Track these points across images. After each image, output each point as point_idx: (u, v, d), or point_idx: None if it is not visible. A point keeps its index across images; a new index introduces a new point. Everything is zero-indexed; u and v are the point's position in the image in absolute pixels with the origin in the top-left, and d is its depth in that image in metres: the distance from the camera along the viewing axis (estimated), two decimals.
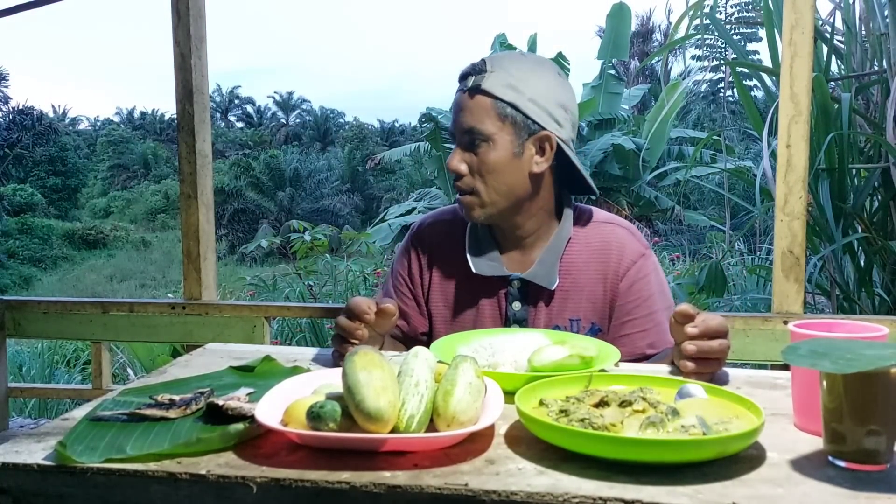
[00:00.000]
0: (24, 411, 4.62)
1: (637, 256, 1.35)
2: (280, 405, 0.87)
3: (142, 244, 25.84)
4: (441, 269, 1.43)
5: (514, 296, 1.36)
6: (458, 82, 1.33)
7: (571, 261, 1.36)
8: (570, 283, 1.35)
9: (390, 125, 44.09)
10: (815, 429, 0.82)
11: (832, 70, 3.17)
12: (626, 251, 1.35)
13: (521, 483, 0.72)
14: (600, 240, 1.37)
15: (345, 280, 5.89)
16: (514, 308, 1.36)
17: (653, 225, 11.89)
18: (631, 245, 1.36)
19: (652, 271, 1.37)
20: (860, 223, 2.94)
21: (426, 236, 1.46)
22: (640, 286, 1.34)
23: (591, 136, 11.42)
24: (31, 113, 29.70)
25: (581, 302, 1.35)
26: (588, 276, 1.35)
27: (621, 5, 10.87)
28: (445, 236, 1.43)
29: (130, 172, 35.92)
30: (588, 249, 1.36)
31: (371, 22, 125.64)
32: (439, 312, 1.43)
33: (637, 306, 1.34)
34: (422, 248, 1.46)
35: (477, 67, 1.30)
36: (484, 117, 1.29)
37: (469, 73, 1.31)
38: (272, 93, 55.52)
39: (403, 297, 1.46)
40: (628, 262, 1.34)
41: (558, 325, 1.35)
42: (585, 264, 1.35)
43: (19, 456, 0.81)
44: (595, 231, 1.38)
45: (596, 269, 1.35)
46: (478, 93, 1.29)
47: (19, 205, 26.38)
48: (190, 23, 2.40)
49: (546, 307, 1.35)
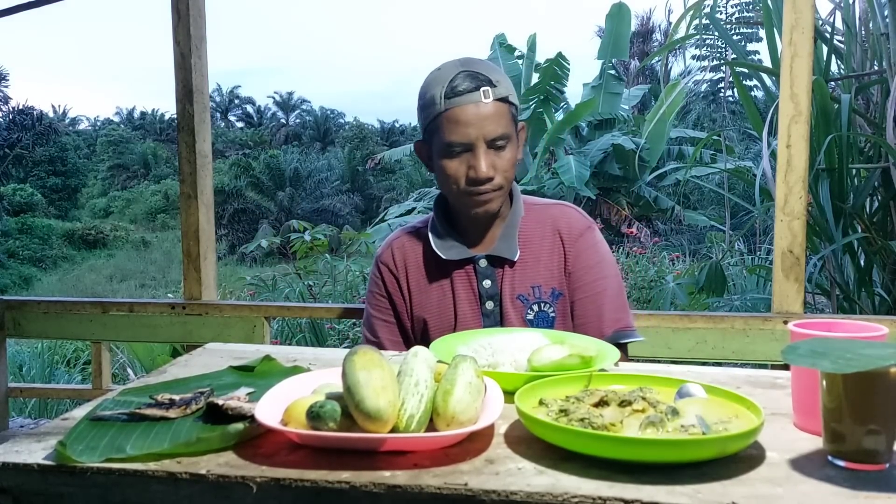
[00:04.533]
0: (24, 411, 4.62)
1: (584, 228, 1.53)
2: (280, 405, 0.87)
3: (142, 244, 25.83)
4: (415, 272, 1.56)
5: (483, 273, 1.49)
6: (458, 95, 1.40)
7: (527, 235, 1.51)
8: (528, 255, 1.50)
9: (390, 125, 44.07)
10: (815, 428, 0.82)
11: (832, 70, 3.17)
12: (574, 224, 1.53)
13: (521, 483, 0.72)
14: (550, 216, 1.54)
15: (345, 280, 5.89)
16: (484, 286, 1.49)
17: (653, 225, 11.88)
18: (578, 219, 1.54)
19: (597, 242, 1.54)
20: (860, 223, 2.94)
21: (393, 254, 1.58)
22: (588, 254, 1.51)
23: (591, 136, 11.42)
24: (31, 113, 29.68)
25: (539, 270, 1.50)
26: (543, 248, 1.51)
27: (621, 5, 10.86)
28: (410, 247, 1.57)
29: (130, 172, 35.90)
30: (541, 225, 1.53)
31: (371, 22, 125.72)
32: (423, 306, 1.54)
33: (586, 272, 1.50)
34: (391, 265, 1.57)
35: (486, 79, 1.41)
36: (506, 122, 1.43)
37: (481, 85, 1.41)
38: (272, 93, 55.54)
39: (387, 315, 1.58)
40: (577, 233, 1.52)
41: (522, 294, 1.48)
42: (541, 238, 1.52)
43: (19, 456, 0.81)
44: (545, 210, 1.56)
45: (550, 241, 1.51)
46: (499, 101, 1.42)
47: (19, 205, 26.38)
48: (190, 23, 2.40)
49: (510, 278, 1.49)
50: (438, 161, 1.44)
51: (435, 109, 1.41)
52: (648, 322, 2.12)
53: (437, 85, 1.42)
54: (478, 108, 1.39)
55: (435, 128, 1.42)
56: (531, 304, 1.47)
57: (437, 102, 1.40)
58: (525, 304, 1.47)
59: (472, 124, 1.39)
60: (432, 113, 1.42)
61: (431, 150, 1.47)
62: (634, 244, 7.48)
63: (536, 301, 1.47)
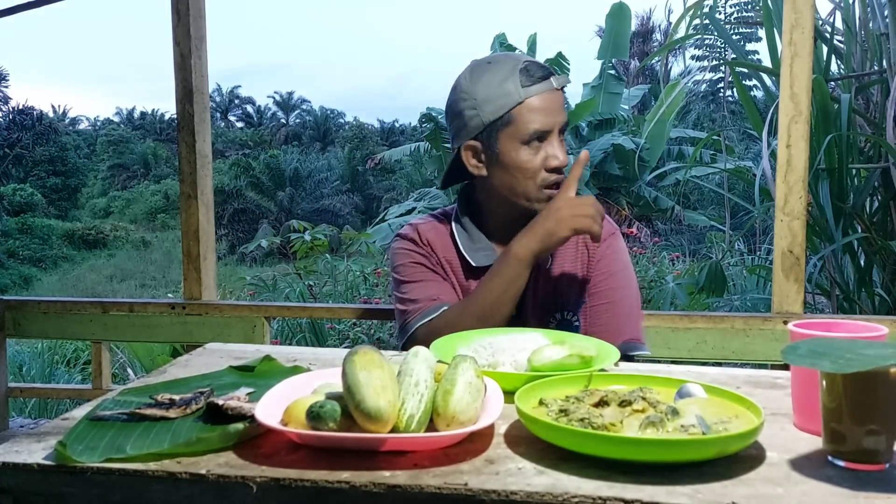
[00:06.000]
0: (24, 411, 4.62)
1: (608, 235, 1.48)
2: (280, 405, 0.87)
3: (142, 244, 25.83)
4: (441, 265, 1.49)
5: None
6: (536, 83, 1.36)
7: None
8: (554, 261, 1.47)
9: (390, 125, 44.04)
10: (815, 428, 0.82)
11: (832, 70, 3.17)
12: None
13: (521, 483, 0.72)
14: None
15: (345, 280, 5.89)
16: None
17: (653, 225, 11.88)
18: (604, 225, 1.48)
19: (621, 250, 1.50)
20: (860, 223, 2.94)
21: (421, 235, 1.50)
22: (608, 261, 1.47)
23: (591, 136, 11.42)
24: (31, 113, 29.71)
25: (564, 277, 1.47)
26: (567, 254, 1.48)
27: (621, 5, 10.86)
28: (435, 237, 1.51)
29: (130, 172, 35.89)
30: None
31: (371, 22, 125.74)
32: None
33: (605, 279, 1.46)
34: (421, 244, 1.50)
35: (550, 68, 1.40)
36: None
37: (551, 73, 1.39)
38: (272, 93, 55.49)
39: (432, 275, 1.47)
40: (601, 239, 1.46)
41: (545, 300, 1.45)
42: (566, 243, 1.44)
43: (19, 456, 0.81)
44: None
45: (574, 246, 1.48)
46: (562, 90, 1.42)
47: (19, 205, 26.37)
48: (190, 23, 2.40)
49: (535, 285, 1.44)
50: (513, 154, 1.38)
51: (511, 99, 1.36)
52: (648, 322, 2.12)
53: (506, 76, 1.36)
54: (554, 95, 1.38)
55: (509, 119, 1.36)
56: (554, 312, 1.44)
57: (513, 93, 1.35)
58: (548, 310, 1.44)
59: (554, 110, 1.37)
60: (508, 103, 1.36)
61: (488, 149, 1.40)
62: (634, 244, 7.47)
63: (560, 309, 1.45)
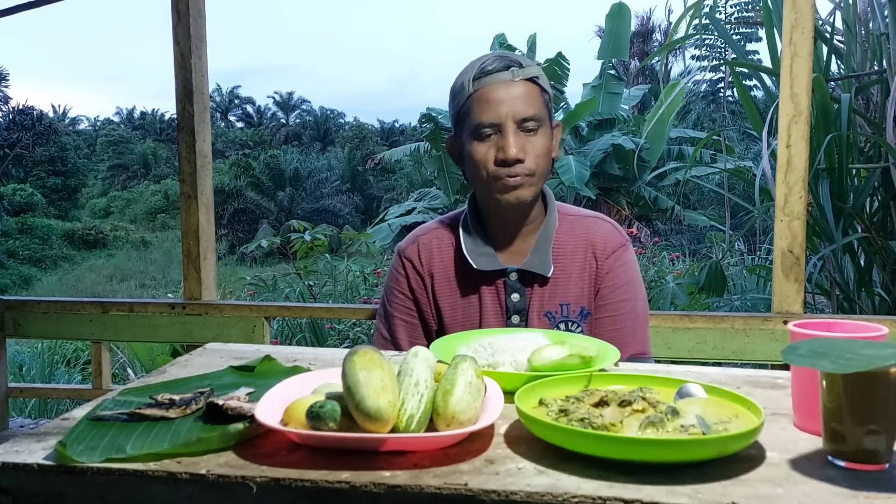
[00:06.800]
0: (24, 411, 4.62)
1: (618, 246, 1.47)
2: (280, 405, 0.87)
3: (142, 244, 25.83)
4: (441, 273, 1.49)
5: (512, 287, 1.43)
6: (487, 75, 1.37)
7: (560, 249, 1.45)
8: (560, 270, 1.44)
9: (390, 125, 44.03)
10: (815, 428, 0.82)
11: (832, 70, 3.17)
12: (610, 239, 1.47)
13: (521, 483, 0.72)
14: (584, 229, 1.47)
15: (345, 280, 5.89)
16: (512, 299, 1.43)
17: (653, 225, 11.88)
18: (614, 235, 1.48)
19: (630, 261, 1.48)
20: (860, 223, 2.94)
21: (419, 251, 1.51)
22: (617, 272, 1.45)
23: (591, 136, 11.42)
24: (31, 113, 29.67)
25: (570, 288, 1.44)
26: (575, 263, 1.45)
27: (621, 5, 10.86)
28: (437, 247, 1.51)
29: (130, 172, 35.89)
30: (574, 238, 1.46)
31: (371, 22, 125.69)
32: (446, 311, 1.48)
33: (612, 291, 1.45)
34: (416, 261, 1.51)
35: (515, 60, 1.38)
36: (537, 104, 1.38)
37: (510, 66, 1.37)
38: (272, 93, 55.53)
39: (407, 312, 1.51)
40: (610, 250, 1.46)
41: (550, 311, 1.43)
42: (573, 252, 1.45)
43: (19, 456, 0.81)
44: (580, 222, 1.49)
45: (582, 256, 1.45)
46: (528, 81, 1.38)
47: (19, 205, 26.37)
48: (190, 23, 2.40)
49: (539, 294, 1.43)
50: (468, 148, 1.38)
51: (464, 94, 1.38)
52: (649, 322, 2.12)
53: (467, 72, 1.39)
54: (507, 87, 1.36)
55: (465, 113, 1.38)
56: (558, 322, 1.43)
57: (466, 87, 1.37)
58: (552, 321, 1.42)
59: (503, 102, 1.35)
60: (462, 98, 1.38)
61: (459, 144, 1.43)
62: (635, 244, 7.47)
63: (563, 319, 1.43)
